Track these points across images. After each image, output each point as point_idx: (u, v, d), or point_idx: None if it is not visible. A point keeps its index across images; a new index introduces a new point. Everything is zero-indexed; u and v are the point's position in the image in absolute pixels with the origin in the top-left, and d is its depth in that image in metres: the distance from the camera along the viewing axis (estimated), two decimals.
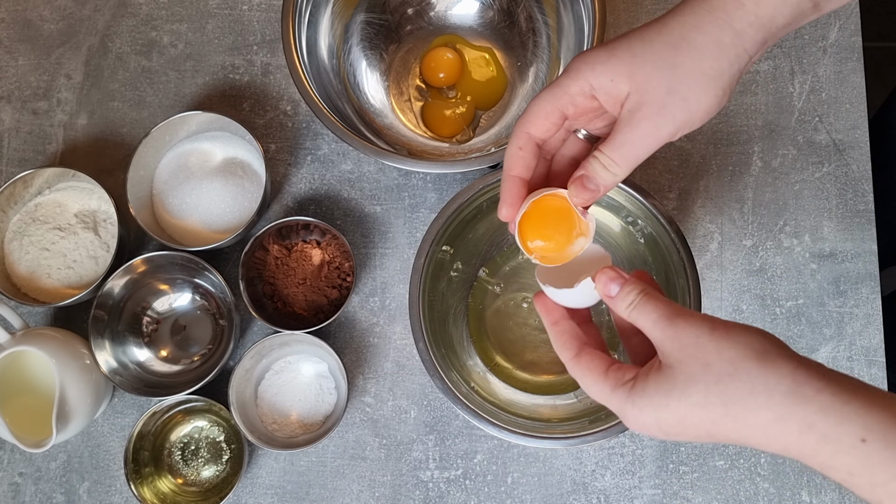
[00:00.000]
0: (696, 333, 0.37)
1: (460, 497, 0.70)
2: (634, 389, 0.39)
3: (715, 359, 0.36)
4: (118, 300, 0.70)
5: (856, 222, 0.74)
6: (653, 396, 0.38)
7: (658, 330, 0.39)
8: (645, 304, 0.40)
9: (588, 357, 0.42)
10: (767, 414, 0.35)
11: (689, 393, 0.37)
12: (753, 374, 0.35)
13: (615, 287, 0.42)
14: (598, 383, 0.41)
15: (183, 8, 0.80)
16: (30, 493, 0.72)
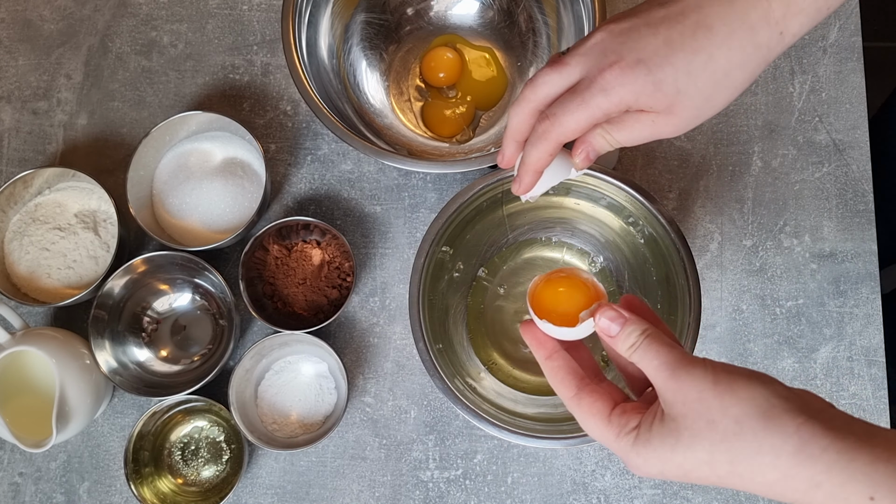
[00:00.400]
0: (699, 388, 0.37)
1: (460, 497, 0.70)
2: (639, 440, 0.38)
3: (719, 416, 0.36)
4: (118, 300, 0.70)
5: (856, 222, 0.74)
6: (657, 449, 0.38)
7: (660, 379, 0.38)
8: (647, 349, 0.39)
9: (589, 399, 0.41)
10: (774, 473, 0.35)
11: (694, 449, 0.37)
12: (759, 434, 0.35)
13: (615, 327, 0.41)
14: (601, 429, 0.40)
15: (183, 8, 0.80)
16: (30, 493, 0.72)
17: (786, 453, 0.35)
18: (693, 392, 0.37)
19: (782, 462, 0.35)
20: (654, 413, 0.39)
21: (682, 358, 0.38)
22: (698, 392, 0.37)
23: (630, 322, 0.41)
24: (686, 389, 0.37)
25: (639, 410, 0.40)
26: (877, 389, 0.71)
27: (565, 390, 0.42)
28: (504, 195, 0.67)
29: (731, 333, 0.72)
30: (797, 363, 0.72)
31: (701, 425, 0.36)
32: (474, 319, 0.72)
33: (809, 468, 0.34)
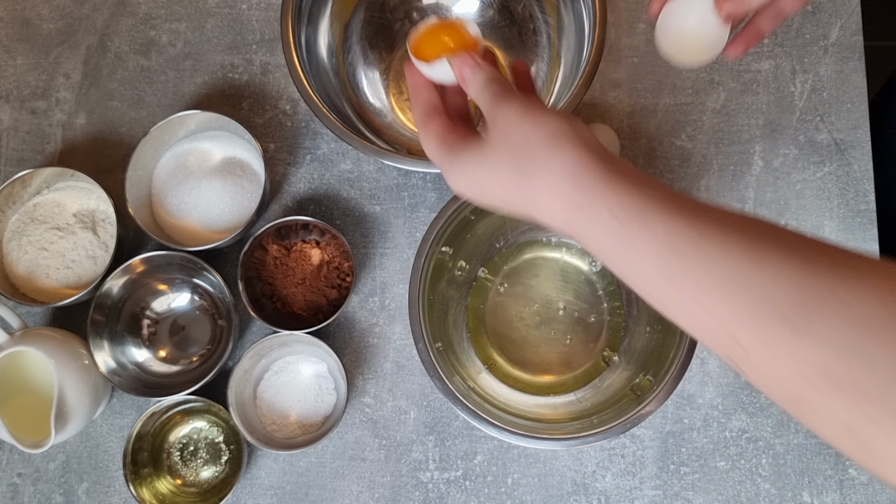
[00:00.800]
0: (511, 115, 0.40)
1: (460, 498, 0.70)
2: (452, 151, 0.43)
3: (519, 139, 0.40)
4: (117, 300, 0.70)
5: (857, 222, 0.73)
6: (466, 163, 0.42)
7: (487, 110, 0.42)
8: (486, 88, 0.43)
9: (436, 123, 0.45)
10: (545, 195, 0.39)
11: (492, 164, 0.41)
12: (542, 152, 0.39)
13: (469, 72, 0.44)
14: (435, 145, 0.44)
15: (182, 7, 0.80)
16: (28, 494, 0.71)
17: (557, 174, 0.38)
18: (505, 118, 0.41)
19: (554, 183, 0.38)
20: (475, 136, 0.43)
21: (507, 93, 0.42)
22: (508, 118, 0.41)
23: (482, 68, 0.44)
24: (500, 115, 0.41)
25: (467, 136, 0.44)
26: None
27: (420, 115, 0.46)
28: None
29: None
30: None
31: (503, 145, 0.40)
32: (474, 319, 0.72)
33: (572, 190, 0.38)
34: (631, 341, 0.70)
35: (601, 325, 0.71)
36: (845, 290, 0.31)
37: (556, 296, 0.72)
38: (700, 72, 0.77)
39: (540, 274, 0.73)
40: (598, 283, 0.72)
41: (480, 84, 0.43)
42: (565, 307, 0.72)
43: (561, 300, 0.72)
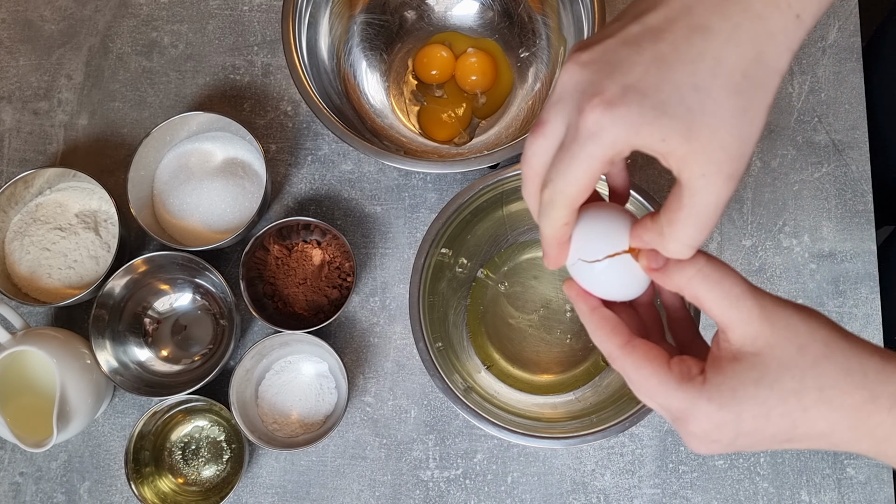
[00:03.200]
0: (787, 314, 0.33)
1: (460, 496, 0.71)
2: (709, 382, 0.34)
3: (809, 340, 0.33)
4: (119, 300, 0.70)
5: (855, 222, 0.74)
6: (736, 389, 0.33)
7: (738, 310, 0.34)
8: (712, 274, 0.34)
9: (644, 347, 0.36)
10: (861, 393, 0.33)
11: (783, 380, 0.33)
12: (847, 353, 0.33)
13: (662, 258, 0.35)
14: (660, 375, 0.35)
15: (183, 8, 0.81)
16: (30, 493, 0.72)
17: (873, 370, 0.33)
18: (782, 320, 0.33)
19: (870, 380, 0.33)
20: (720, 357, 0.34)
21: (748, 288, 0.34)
22: (786, 318, 0.33)
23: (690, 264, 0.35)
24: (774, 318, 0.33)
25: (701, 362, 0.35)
26: None
27: (615, 338, 0.37)
28: (504, 195, 0.67)
29: None
30: None
31: (792, 352, 0.33)
32: (474, 319, 0.72)
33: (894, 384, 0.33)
34: None
35: None
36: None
37: (557, 295, 0.72)
38: None
39: (540, 274, 0.73)
40: None
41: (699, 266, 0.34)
42: (565, 307, 0.72)
43: (561, 300, 0.72)
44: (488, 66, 0.75)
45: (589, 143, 0.33)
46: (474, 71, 0.75)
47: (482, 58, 0.75)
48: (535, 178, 0.37)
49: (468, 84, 0.76)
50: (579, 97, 0.34)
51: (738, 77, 0.32)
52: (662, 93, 0.32)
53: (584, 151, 0.34)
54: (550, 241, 0.38)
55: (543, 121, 0.36)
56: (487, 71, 0.75)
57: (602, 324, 0.37)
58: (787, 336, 0.33)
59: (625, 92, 0.32)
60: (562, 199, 0.35)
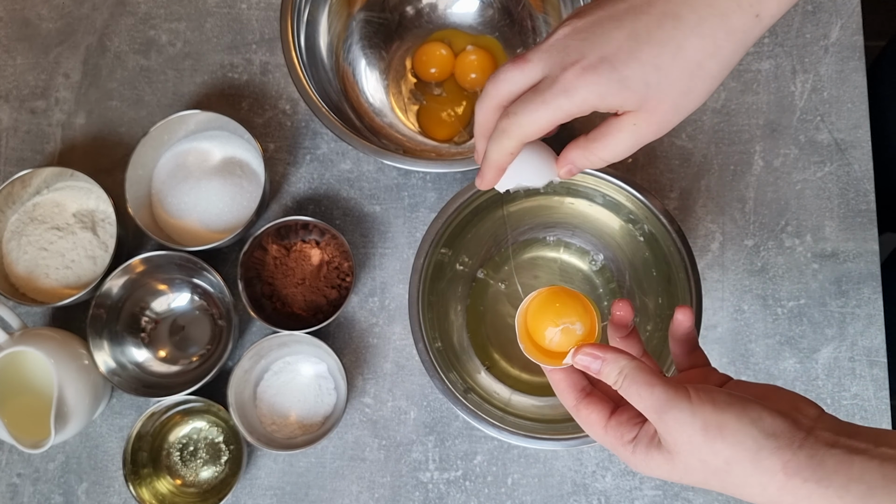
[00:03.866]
0: (689, 434, 0.38)
1: (460, 498, 0.70)
2: (637, 452, 0.41)
3: (710, 457, 0.38)
4: (116, 300, 0.70)
5: (857, 222, 0.73)
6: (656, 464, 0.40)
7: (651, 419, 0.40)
8: (629, 389, 0.40)
9: (585, 410, 0.43)
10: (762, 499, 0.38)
11: (689, 474, 0.40)
12: (748, 473, 0.38)
13: (595, 366, 0.42)
14: (600, 437, 0.43)
15: (181, 7, 0.80)
16: (28, 494, 0.71)
17: (773, 487, 0.37)
18: (683, 437, 0.38)
19: (769, 493, 0.38)
20: (650, 432, 0.41)
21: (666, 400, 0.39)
22: (689, 437, 0.38)
23: (607, 363, 0.41)
24: (676, 434, 0.39)
25: (634, 420, 0.42)
26: (878, 390, 0.71)
27: (566, 401, 0.44)
28: (504, 195, 0.67)
29: (733, 334, 0.72)
30: (799, 363, 0.71)
31: (693, 462, 0.39)
32: (474, 320, 0.72)
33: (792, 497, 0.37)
34: None
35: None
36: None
37: None
38: None
39: (540, 273, 0.72)
40: (598, 281, 0.72)
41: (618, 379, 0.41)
42: None
43: None
44: (488, 64, 0.75)
45: (561, 95, 0.41)
46: (474, 69, 0.74)
47: (482, 55, 0.75)
48: (495, 98, 0.44)
49: (468, 82, 0.75)
50: (564, 55, 0.41)
51: (693, 65, 0.40)
52: (629, 68, 0.40)
53: (556, 101, 0.41)
54: (493, 164, 0.46)
55: (527, 59, 0.43)
56: (487, 69, 0.75)
57: (557, 385, 0.45)
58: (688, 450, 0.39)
59: (600, 62, 0.40)
60: (519, 132, 0.43)
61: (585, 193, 0.67)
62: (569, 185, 0.67)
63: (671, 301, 0.65)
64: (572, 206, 0.70)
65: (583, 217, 0.70)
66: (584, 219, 0.70)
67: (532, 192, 0.68)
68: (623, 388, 0.40)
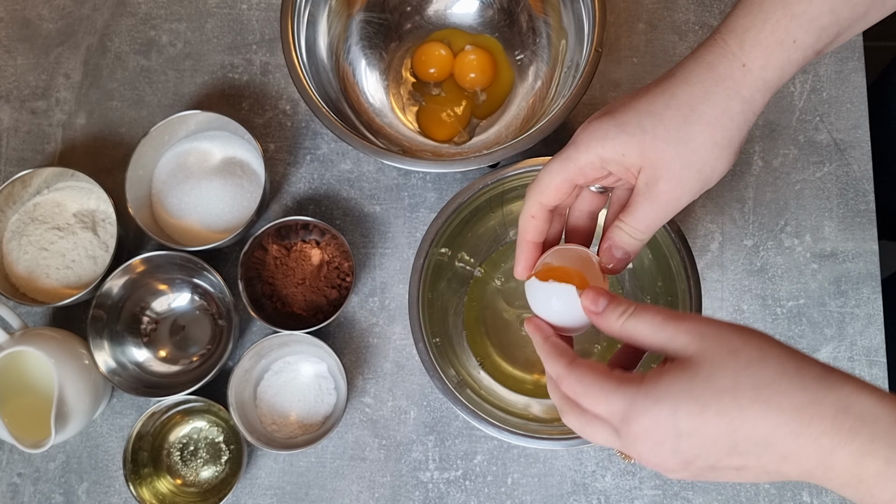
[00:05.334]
0: (717, 327, 0.36)
1: (460, 498, 0.70)
2: (645, 383, 0.36)
3: (741, 345, 0.35)
4: (117, 300, 0.70)
5: (857, 222, 0.73)
6: (671, 385, 0.35)
7: (666, 331, 0.37)
8: (641, 313, 0.39)
9: (587, 362, 0.40)
10: (802, 396, 0.33)
11: (715, 377, 0.34)
12: (784, 359, 0.34)
13: (603, 301, 0.41)
14: (600, 382, 0.38)
15: (182, 7, 0.80)
16: (28, 494, 0.71)
17: (812, 376, 0.33)
18: (710, 328, 0.36)
19: (809, 384, 0.33)
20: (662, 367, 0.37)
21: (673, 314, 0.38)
22: (716, 328, 0.36)
23: (618, 298, 0.41)
24: (702, 328, 0.36)
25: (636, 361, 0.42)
26: None
27: (562, 359, 0.41)
28: (504, 194, 0.67)
29: None
30: None
31: (723, 354, 0.35)
32: (474, 319, 0.72)
33: (838, 389, 0.33)
34: None
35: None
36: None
37: None
38: None
39: None
40: None
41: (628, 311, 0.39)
42: None
43: None
44: (487, 64, 0.75)
45: (570, 147, 0.45)
46: (473, 68, 0.75)
47: (481, 55, 0.75)
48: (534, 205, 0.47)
49: (467, 82, 0.75)
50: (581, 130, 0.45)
51: (686, 109, 0.42)
52: (626, 115, 0.43)
53: (565, 153, 0.45)
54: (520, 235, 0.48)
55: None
56: (486, 68, 0.75)
57: (552, 349, 0.42)
58: (717, 342, 0.35)
59: (603, 114, 0.44)
60: (535, 191, 0.46)
61: None
62: None
63: (671, 302, 0.65)
64: None
65: None
66: None
67: None
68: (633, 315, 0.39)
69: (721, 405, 0.34)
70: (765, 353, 0.34)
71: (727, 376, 0.34)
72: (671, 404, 0.35)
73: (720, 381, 0.34)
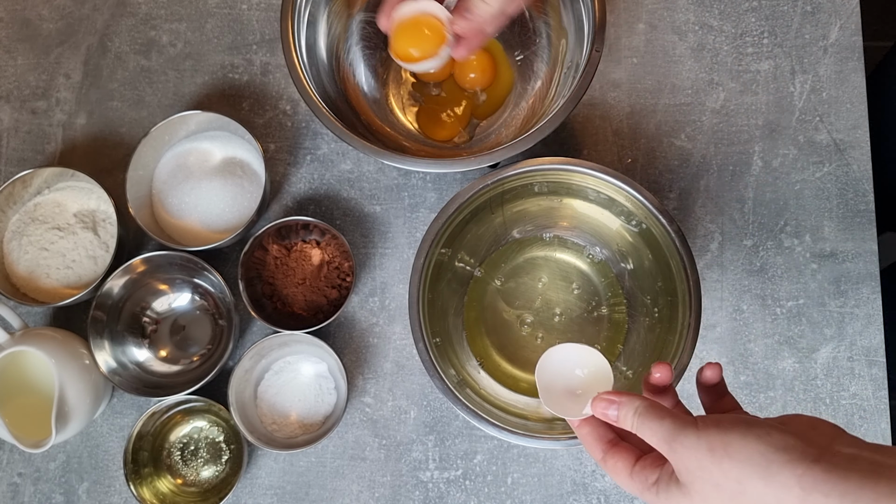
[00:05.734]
0: (698, 458, 0.39)
1: (460, 497, 0.70)
2: (660, 495, 0.42)
3: (722, 480, 0.38)
4: (117, 300, 0.70)
5: (856, 222, 0.73)
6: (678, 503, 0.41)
7: (663, 451, 0.41)
8: (642, 427, 0.42)
9: (612, 461, 0.45)
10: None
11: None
12: (762, 491, 0.37)
13: (613, 412, 0.44)
14: (626, 485, 0.44)
15: (182, 7, 0.80)
16: (29, 494, 0.72)
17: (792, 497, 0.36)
18: (693, 462, 0.39)
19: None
20: (669, 471, 0.42)
21: (674, 430, 0.40)
22: (698, 461, 0.39)
23: (623, 406, 0.44)
24: (686, 461, 0.39)
25: (657, 463, 0.43)
26: (877, 389, 0.71)
27: (594, 454, 0.46)
28: (504, 195, 0.67)
29: (732, 333, 0.72)
30: (798, 363, 0.72)
31: (708, 489, 0.39)
32: (474, 319, 0.72)
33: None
34: (631, 339, 0.70)
35: (601, 321, 0.71)
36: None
37: (555, 294, 0.72)
38: (699, 72, 0.77)
39: (538, 272, 0.73)
40: (596, 278, 0.72)
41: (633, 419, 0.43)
42: (563, 306, 0.72)
43: (559, 298, 0.72)
44: (487, 64, 0.75)
45: None
46: (473, 68, 0.75)
47: (481, 55, 0.75)
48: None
49: (467, 82, 0.75)
50: None
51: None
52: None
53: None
54: None
55: None
56: (486, 68, 0.75)
57: (584, 439, 0.47)
58: (700, 476, 0.39)
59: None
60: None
61: (584, 193, 0.67)
62: (567, 185, 0.67)
63: (671, 302, 0.65)
64: (571, 205, 0.70)
65: (583, 217, 0.70)
66: (583, 219, 0.70)
67: (530, 195, 0.68)
68: (638, 427, 0.42)
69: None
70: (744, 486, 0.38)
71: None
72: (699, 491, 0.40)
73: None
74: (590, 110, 0.77)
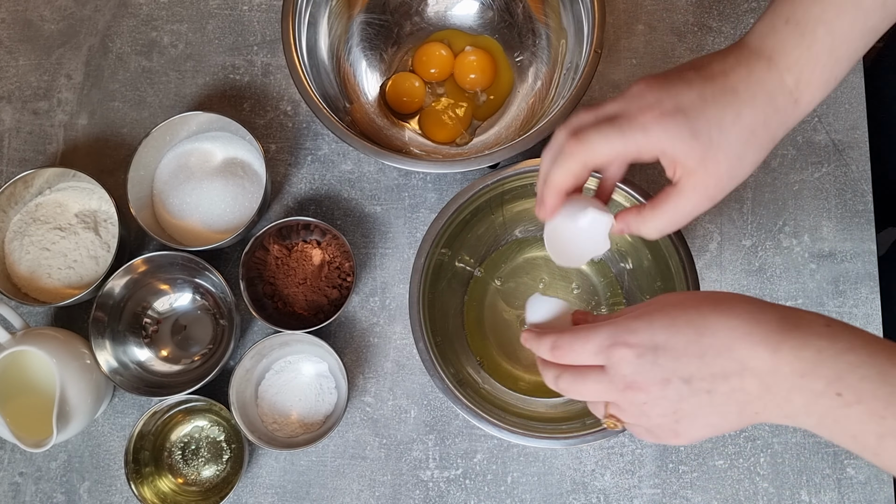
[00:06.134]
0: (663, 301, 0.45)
1: (460, 496, 0.71)
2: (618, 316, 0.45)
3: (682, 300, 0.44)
4: (119, 300, 0.70)
5: (855, 222, 0.74)
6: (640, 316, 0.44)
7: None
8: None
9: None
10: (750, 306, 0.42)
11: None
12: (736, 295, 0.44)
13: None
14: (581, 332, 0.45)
15: (183, 8, 0.81)
16: (30, 493, 0.72)
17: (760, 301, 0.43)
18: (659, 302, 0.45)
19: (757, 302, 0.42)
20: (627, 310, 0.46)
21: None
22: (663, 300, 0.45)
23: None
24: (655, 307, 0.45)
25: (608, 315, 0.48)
26: None
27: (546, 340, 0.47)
28: (504, 195, 0.67)
29: None
30: None
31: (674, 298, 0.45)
32: (474, 319, 0.72)
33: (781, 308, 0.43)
34: None
35: None
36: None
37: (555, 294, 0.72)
38: None
39: (538, 272, 0.73)
40: (595, 278, 0.73)
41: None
42: None
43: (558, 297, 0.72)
44: (487, 64, 0.75)
45: (639, 131, 0.44)
46: (473, 69, 0.75)
47: (481, 56, 0.75)
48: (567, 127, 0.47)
49: (467, 82, 0.75)
50: (640, 101, 0.45)
51: (748, 132, 0.45)
52: (699, 122, 0.44)
53: (633, 135, 0.44)
54: (552, 187, 0.47)
55: (598, 104, 0.47)
56: (486, 69, 0.75)
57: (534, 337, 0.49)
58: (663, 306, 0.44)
59: (676, 111, 0.44)
60: (588, 155, 0.45)
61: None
62: None
63: None
64: None
65: None
66: None
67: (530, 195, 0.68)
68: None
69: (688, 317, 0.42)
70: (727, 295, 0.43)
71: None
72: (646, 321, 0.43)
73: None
74: None
